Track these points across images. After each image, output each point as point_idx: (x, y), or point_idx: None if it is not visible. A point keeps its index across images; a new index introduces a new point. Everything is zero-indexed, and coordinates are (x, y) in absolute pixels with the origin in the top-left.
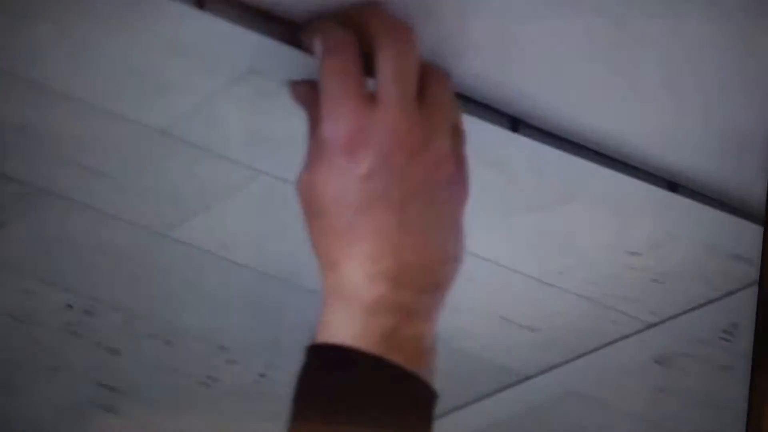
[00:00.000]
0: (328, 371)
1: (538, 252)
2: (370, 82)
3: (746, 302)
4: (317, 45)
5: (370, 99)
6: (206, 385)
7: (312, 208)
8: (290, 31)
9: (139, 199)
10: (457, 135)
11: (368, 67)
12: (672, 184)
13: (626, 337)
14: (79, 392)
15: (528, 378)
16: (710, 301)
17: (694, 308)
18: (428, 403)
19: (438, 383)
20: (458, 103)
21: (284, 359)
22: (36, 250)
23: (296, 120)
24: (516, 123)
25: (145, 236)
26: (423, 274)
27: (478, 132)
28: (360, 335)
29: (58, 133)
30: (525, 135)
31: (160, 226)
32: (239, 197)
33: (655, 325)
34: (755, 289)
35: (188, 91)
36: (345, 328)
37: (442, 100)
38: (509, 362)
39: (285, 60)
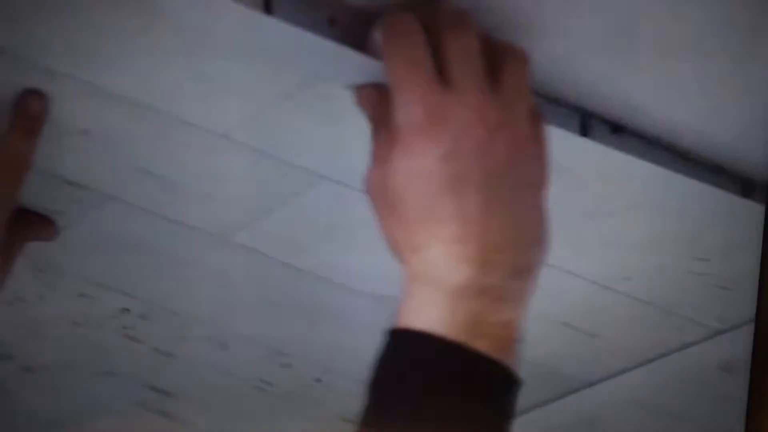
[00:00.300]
0: (408, 357)
1: (604, 257)
2: None
3: None
4: (378, 35)
5: (441, 82)
6: (261, 390)
7: (387, 200)
8: (357, 36)
9: (199, 203)
10: (535, 118)
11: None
12: (746, 188)
13: (692, 344)
14: (132, 395)
15: (589, 385)
16: None
17: None
18: (511, 391)
19: None
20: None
21: (340, 364)
22: (94, 253)
23: (359, 124)
24: (586, 127)
25: (204, 240)
26: (511, 256)
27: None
28: (444, 321)
29: (120, 137)
30: (595, 140)
31: (219, 230)
32: (299, 202)
33: (721, 332)
34: None
35: (252, 96)
36: (429, 313)
37: (518, 82)
38: (570, 369)
39: (351, 65)
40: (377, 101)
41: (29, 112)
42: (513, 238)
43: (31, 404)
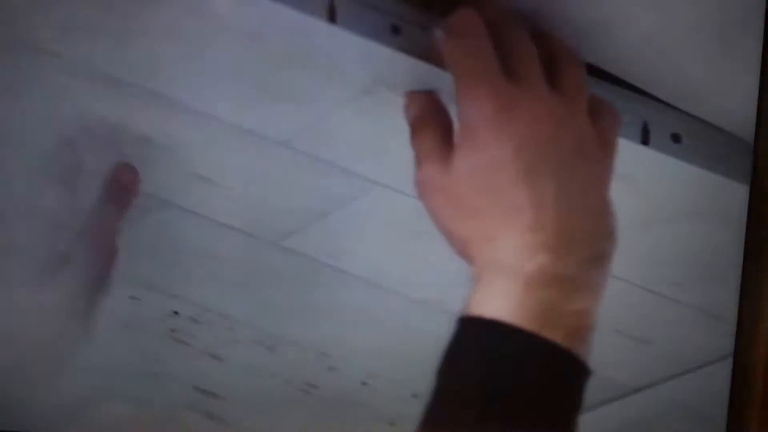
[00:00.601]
0: (477, 345)
1: (658, 264)
2: None
3: None
4: (439, 32)
5: (506, 76)
6: (306, 392)
7: (451, 196)
8: (420, 44)
9: (254, 209)
10: (598, 114)
11: None
12: None
13: None
14: (179, 398)
15: (637, 391)
16: None
17: None
18: (581, 381)
19: None
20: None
21: (386, 368)
22: (146, 257)
23: None
24: (647, 136)
25: (256, 245)
26: (584, 245)
27: None
28: (515, 309)
29: (180, 144)
30: (655, 148)
31: (272, 235)
32: (353, 208)
33: None
34: None
35: (313, 104)
36: (500, 301)
37: (576, 80)
38: (619, 375)
39: (413, 73)
40: (425, 104)
41: (121, 183)
42: (585, 227)
43: (80, 405)
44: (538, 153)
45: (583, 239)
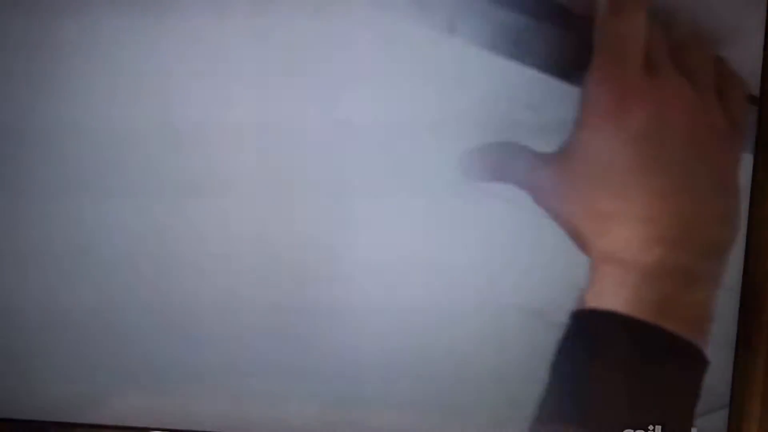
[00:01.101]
0: (596, 337)
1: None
2: None
3: None
4: (603, 5)
5: (642, 66)
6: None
7: (569, 192)
8: (541, 55)
9: None
10: (726, 89)
11: None
12: None
13: None
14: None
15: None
16: None
17: None
18: (698, 371)
19: None
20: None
21: (481, 373)
22: None
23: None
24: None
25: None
26: (701, 237)
27: None
28: (633, 301)
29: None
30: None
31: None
32: (462, 219)
33: None
34: None
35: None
36: (618, 293)
37: (701, 60)
38: (716, 383)
39: (534, 85)
40: (491, 150)
41: None
42: (704, 217)
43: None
44: (658, 144)
45: (701, 231)
